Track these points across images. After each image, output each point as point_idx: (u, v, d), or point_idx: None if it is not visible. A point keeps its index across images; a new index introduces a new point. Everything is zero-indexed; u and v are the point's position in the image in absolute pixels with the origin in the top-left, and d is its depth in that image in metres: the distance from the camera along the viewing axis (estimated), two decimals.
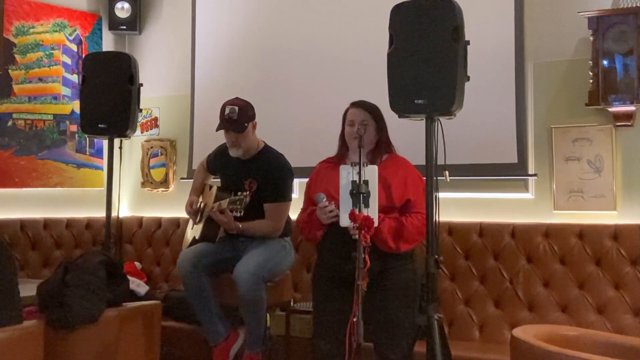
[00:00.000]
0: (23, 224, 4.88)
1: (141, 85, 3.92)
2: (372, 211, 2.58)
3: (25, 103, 5.01)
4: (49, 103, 5.13)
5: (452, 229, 3.94)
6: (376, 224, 2.59)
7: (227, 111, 3.56)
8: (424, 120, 2.79)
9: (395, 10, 2.84)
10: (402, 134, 3.10)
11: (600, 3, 3.69)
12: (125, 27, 5.41)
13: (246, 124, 3.57)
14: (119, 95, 3.82)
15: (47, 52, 5.13)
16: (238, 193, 3.44)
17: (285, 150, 3.75)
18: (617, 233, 3.54)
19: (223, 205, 3.47)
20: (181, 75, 5.26)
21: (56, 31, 5.18)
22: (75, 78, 5.23)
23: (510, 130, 3.89)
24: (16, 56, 4.97)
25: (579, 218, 3.71)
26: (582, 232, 3.62)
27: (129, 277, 3.28)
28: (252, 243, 3.59)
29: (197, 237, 3.75)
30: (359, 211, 2.55)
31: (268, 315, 3.65)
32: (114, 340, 2.91)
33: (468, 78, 2.77)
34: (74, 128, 5.17)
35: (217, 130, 3.61)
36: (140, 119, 5.12)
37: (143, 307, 3.21)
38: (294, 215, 3.15)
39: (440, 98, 2.71)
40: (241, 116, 3.56)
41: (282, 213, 3.63)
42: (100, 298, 2.84)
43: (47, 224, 4.98)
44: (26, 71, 5.02)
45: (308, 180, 3.10)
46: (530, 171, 3.90)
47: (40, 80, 5.09)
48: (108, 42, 5.48)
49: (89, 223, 5.08)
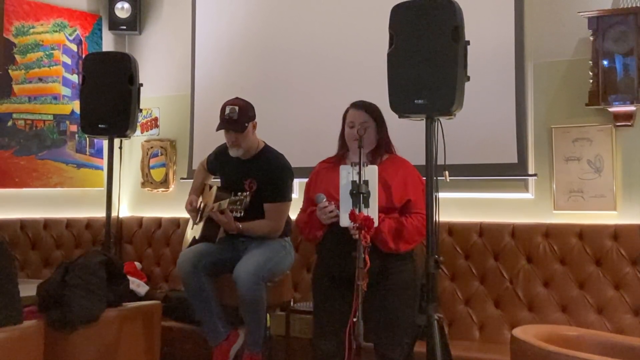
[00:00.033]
0: (23, 224, 4.88)
1: (141, 85, 3.92)
2: (372, 211, 2.58)
3: (25, 103, 5.01)
4: (49, 103, 5.13)
5: (452, 229, 3.94)
6: (376, 224, 2.60)
7: (228, 111, 3.56)
8: (424, 120, 2.79)
9: (395, 10, 2.84)
10: (402, 134, 3.10)
11: (600, 3, 3.69)
12: (125, 27, 5.41)
13: (246, 124, 3.58)
14: (119, 95, 3.82)
15: (47, 52, 5.13)
16: (238, 193, 3.44)
17: (285, 150, 3.75)
18: (617, 233, 3.54)
19: (223, 205, 3.47)
20: (181, 75, 5.26)
21: (56, 31, 5.18)
22: (75, 78, 5.23)
23: (510, 130, 3.89)
24: (16, 56, 4.97)
25: (579, 218, 3.71)
26: (582, 232, 3.62)
27: (129, 277, 3.29)
28: (252, 243, 3.59)
29: (197, 237, 3.74)
30: (359, 211, 2.55)
31: (268, 315, 3.65)
32: (114, 340, 2.91)
33: (468, 78, 2.77)
34: (74, 128, 5.17)
35: (218, 130, 3.61)
36: (140, 119, 5.12)
37: (143, 307, 3.22)
38: (294, 215, 3.15)
39: (440, 98, 2.71)
40: (241, 116, 3.56)
41: (282, 213, 3.63)
42: (100, 298, 2.84)
43: (47, 224, 4.97)
44: (26, 71, 5.02)
45: (308, 180, 3.10)
46: (530, 171, 3.89)
47: (40, 80, 5.09)
48: (108, 42, 5.48)
49: (89, 223, 5.07)
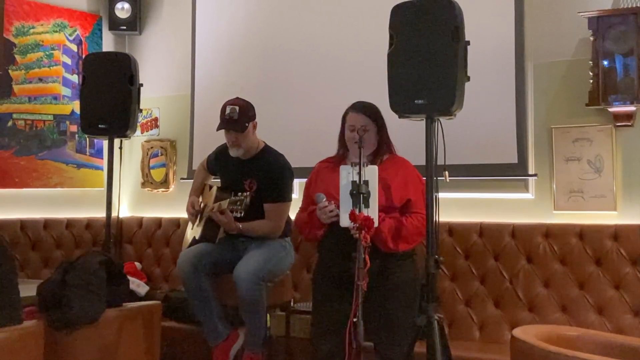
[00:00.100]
0: (23, 224, 4.88)
1: (141, 85, 3.92)
2: (372, 211, 2.58)
3: (25, 103, 5.01)
4: (49, 103, 5.13)
5: (452, 229, 3.94)
6: (376, 224, 2.59)
7: (228, 111, 3.56)
8: (424, 120, 2.79)
9: (395, 10, 2.84)
10: (402, 134, 3.10)
11: (600, 3, 3.69)
12: (125, 28, 5.41)
13: (247, 124, 3.57)
14: (119, 95, 3.82)
15: (47, 53, 5.13)
16: (238, 193, 3.44)
17: (285, 150, 3.75)
18: (617, 233, 3.54)
19: (223, 205, 3.47)
20: (181, 75, 5.26)
21: (56, 31, 5.18)
22: (75, 78, 5.23)
23: (510, 130, 3.90)
24: (16, 56, 4.97)
25: (579, 218, 3.71)
26: (582, 232, 3.62)
27: (129, 278, 3.28)
28: (252, 243, 3.59)
29: (197, 238, 3.74)
30: (359, 211, 2.55)
31: (268, 315, 3.65)
32: (114, 340, 2.90)
33: (468, 78, 2.76)
34: (74, 128, 5.17)
35: (218, 129, 3.61)
36: (140, 119, 5.12)
37: (143, 308, 3.21)
38: (294, 215, 3.15)
39: (440, 98, 2.71)
40: (242, 116, 3.56)
41: (282, 213, 3.63)
42: (100, 298, 2.83)
43: (47, 224, 4.98)
44: (26, 71, 5.02)
45: (308, 179, 3.10)
46: (530, 171, 3.90)
47: (40, 80, 5.09)
48: (108, 43, 5.48)
49: (89, 223, 5.07)
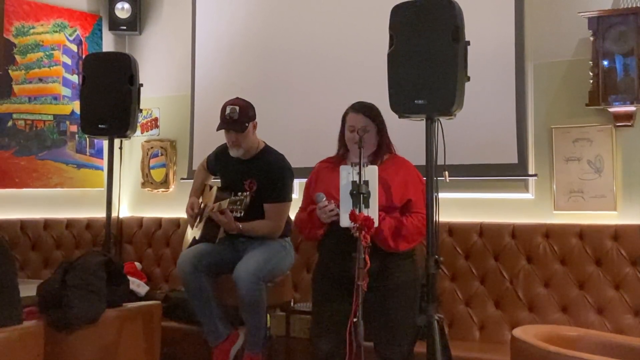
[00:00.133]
0: (23, 225, 4.88)
1: (141, 85, 3.92)
2: (372, 211, 2.58)
3: (25, 103, 5.01)
4: (49, 103, 5.13)
5: (453, 229, 3.94)
6: (376, 225, 2.59)
7: (228, 111, 3.56)
8: (424, 120, 2.79)
9: (395, 10, 2.84)
10: (402, 134, 3.09)
11: (600, 3, 3.69)
12: (125, 28, 5.41)
13: (247, 124, 3.57)
14: (119, 95, 3.82)
15: (47, 53, 5.13)
16: (238, 193, 3.44)
17: (285, 150, 3.75)
18: (618, 233, 3.54)
19: (223, 205, 3.46)
20: (181, 75, 5.26)
21: (56, 31, 5.18)
22: (75, 78, 5.23)
23: (510, 130, 3.89)
24: (16, 56, 4.97)
25: (579, 218, 3.71)
26: (583, 233, 3.62)
27: (129, 278, 3.28)
28: (252, 243, 3.59)
29: (197, 238, 3.74)
30: (359, 211, 2.54)
31: (268, 315, 3.65)
32: (114, 340, 2.90)
33: (468, 78, 2.76)
34: (74, 128, 5.17)
35: (218, 130, 3.61)
36: (140, 120, 5.12)
37: (143, 308, 3.21)
38: (294, 215, 3.15)
39: (440, 98, 2.71)
40: (242, 116, 3.56)
41: (282, 213, 3.63)
42: (100, 298, 2.83)
43: (47, 225, 4.97)
44: (26, 71, 5.02)
45: (308, 179, 3.10)
46: (530, 171, 3.89)
47: (40, 80, 5.09)
48: (108, 43, 5.48)
49: (89, 223, 5.07)
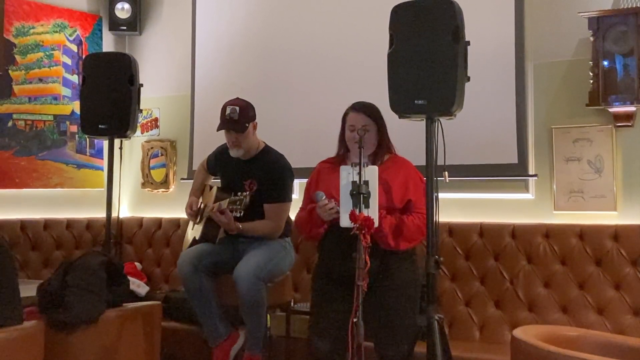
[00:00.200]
0: (23, 225, 4.88)
1: (141, 85, 3.92)
2: (372, 211, 2.58)
3: (25, 103, 5.01)
4: (49, 103, 5.13)
5: (453, 230, 3.94)
6: (376, 225, 2.59)
7: (228, 111, 3.56)
8: (424, 120, 2.79)
9: (395, 10, 2.84)
10: (402, 135, 3.10)
11: (600, 3, 3.69)
12: (125, 28, 5.41)
13: (247, 124, 3.58)
14: (119, 95, 3.83)
15: (47, 53, 5.12)
16: (238, 194, 3.45)
17: (285, 150, 3.75)
18: (618, 233, 3.54)
19: (223, 205, 3.47)
20: (181, 75, 5.26)
21: (56, 32, 5.18)
22: (75, 78, 5.23)
23: (510, 130, 3.89)
24: (16, 57, 4.97)
25: (579, 218, 3.70)
26: (583, 233, 3.62)
27: (129, 278, 3.28)
28: (253, 244, 3.59)
29: (198, 238, 3.75)
30: (359, 212, 2.54)
31: (268, 315, 3.65)
32: (114, 340, 2.90)
33: (468, 78, 2.77)
34: (74, 128, 5.17)
35: (218, 130, 3.61)
36: (140, 120, 5.11)
37: (143, 308, 3.21)
38: (294, 215, 3.15)
39: (440, 98, 2.71)
40: (242, 116, 3.56)
41: (282, 214, 3.63)
42: (100, 299, 2.84)
43: (48, 225, 4.97)
44: (26, 72, 5.02)
45: (308, 179, 3.10)
46: (530, 171, 3.89)
47: (40, 80, 5.09)
48: (108, 43, 5.48)
49: (89, 224, 5.07)
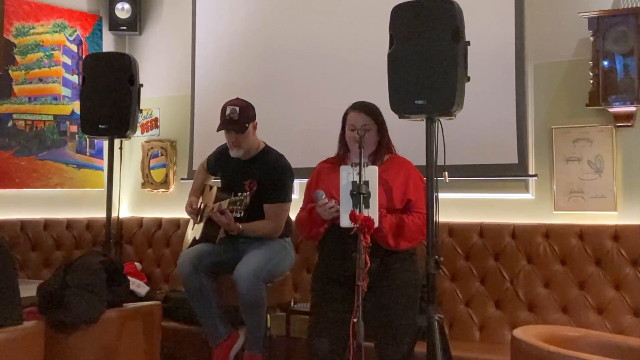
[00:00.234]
0: (23, 225, 4.88)
1: (141, 85, 3.92)
2: (373, 212, 2.58)
3: (25, 104, 5.01)
4: (49, 104, 5.13)
5: (453, 230, 3.94)
6: (376, 225, 2.59)
7: (228, 111, 3.56)
8: (424, 120, 2.79)
9: (395, 10, 2.84)
10: (402, 135, 3.09)
11: (600, 4, 3.69)
12: (125, 28, 5.41)
13: (247, 125, 3.58)
14: (119, 95, 3.82)
15: (47, 53, 5.13)
16: (238, 194, 3.44)
17: (285, 150, 3.75)
18: (618, 233, 3.53)
19: (223, 205, 3.47)
20: (181, 75, 5.26)
21: (56, 32, 5.18)
22: (75, 79, 5.23)
23: (510, 130, 3.89)
24: (16, 57, 4.97)
25: (580, 218, 3.70)
26: (583, 233, 3.62)
27: (129, 278, 3.28)
28: (253, 244, 3.59)
29: (198, 238, 3.75)
30: (360, 212, 2.54)
31: (268, 315, 3.65)
32: (114, 341, 2.91)
33: (468, 78, 2.76)
34: (74, 129, 5.17)
35: (218, 130, 3.62)
36: (140, 120, 5.12)
37: (143, 308, 3.22)
38: (295, 215, 3.15)
39: (440, 98, 2.71)
40: (242, 116, 3.56)
41: (282, 214, 3.63)
42: (100, 299, 2.84)
43: (48, 225, 4.97)
44: (26, 72, 5.02)
45: (309, 179, 3.09)
46: (530, 172, 3.89)
47: (40, 80, 5.09)
48: (108, 43, 5.48)
49: (89, 224, 5.08)
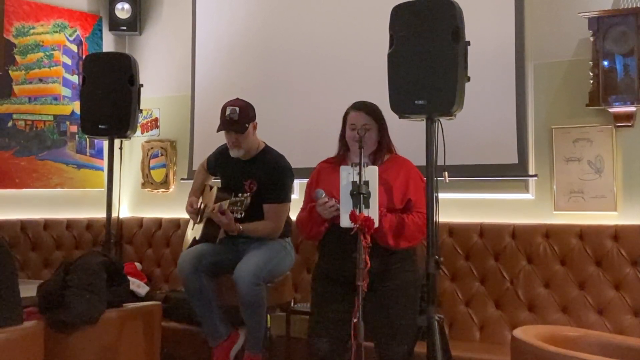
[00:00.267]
0: (23, 225, 4.88)
1: (141, 85, 3.92)
2: (373, 212, 2.58)
3: (25, 104, 5.01)
4: (49, 104, 5.13)
5: (453, 230, 3.94)
6: (376, 225, 2.59)
7: (228, 112, 3.56)
8: (424, 120, 2.79)
9: (395, 10, 2.84)
10: (403, 135, 3.09)
11: (600, 4, 3.69)
12: (125, 28, 5.41)
13: (247, 125, 3.58)
14: (120, 95, 3.83)
15: (48, 53, 5.12)
16: (239, 194, 3.44)
17: (285, 150, 3.75)
18: (618, 234, 3.53)
19: (224, 206, 3.47)
20: (181, 75, 5.26)
21: (56, 32, 5.18)
22: (75, 79, 5.23)
23: (510, 130, 3.89)
24: (16, 57, 4.97)
25: (580, 219, 3.70)
26: (583, 233, 3.62)
27: (129, 278, 3.28)
28: (253, 244, 3.59)
29: (198, 238, 3.75)
30: (360, 212, 2.54)
31: (268, 316, 3.65)
32: (114, 341, 2.91)
33: (468, 79, 2.76)
34: (74, 129, 5.17)
35: (218, 131, 3.62)
36: (140, 120, 5.11)
37: (143, 308, 3.22)
38: (294, 216, 3.15)
39: (440, 99, 2.71)
40: (242, 117, 3.56)
41: (281, 214, 3.63)
42: (100, 299, 2.84)
43: (48, 225, 4.97)
44: (26, 72, 5.02)
45: (309, 180, 3.10)
46: (530, 172, 3.89)
47: (40, 81, 5.09)
48: (108, 43, 5.48)
49: (89, 224, 5.07)
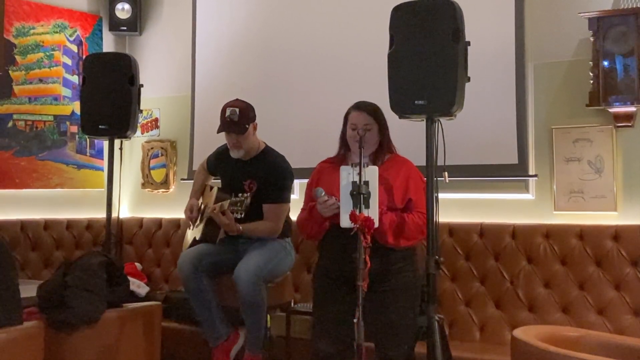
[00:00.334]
0: (23, 225, 4.88)
1: (141, 86, 3.92)
2: (373, 212, 2.58)
3: (25, 104, 5.01)
4: (50, 104, 5.13)
5: (453, 230, 3.94)
6: (376, 225, 2.59)
7: (228, 113, 3.57)
8: (424, 121, 2.79)
9: (395, 11, 2.84)
10: (403, 135, 3.10)
11: (600, 4, 3.69)
12: (125, 28, 5.41)
13: (247, 126, 3.58)
14: (120, 96, 3.82)
15: (48, 53, 5.13)
16: (239, 195, 3.44)
17: (285, 150, 3.75)
18: (618, 234, 3.53)
19: (224, 206, 3.47)
20: (182, 76, 5.26)
21: (56, 32, 5.18)
22: (75, 79, 5.23)
23: (510, 131, 3.89)
24: (16, 57, 4.97)
25: (580, 219, 3.70)
26: (583, 233, 3.62)
27: (129, 278, 3.28)
28: (253, 244, 3.59)
29: (198, 238, 3.75)
30: (360, 212, 2.54)
31: (268, 316, 3.65)
32: (114, 341, 2.91)
33: (468, 79, 2.77)
34: (75, 129, 5.17)
35: (218, 132, 3.62)
36: (140, 120, 5.11)
37: (143, 308, 3.22)
38: (294, 216, 3.15)
39: (440, 99, 2.71)
40: (242, 118, 3.56)
41: (281, 214, 3.63)
42: (100, 299, 2.84)
43: (48, 225, 4.97)
44: (26, 72, 5.02)
45: (309, 180, 3.09)
46: (530, 172, 3.89)
47: (40, 81, 5.09)
48: (108, 43, 5.48)
49: (90, 224, 5.07)
